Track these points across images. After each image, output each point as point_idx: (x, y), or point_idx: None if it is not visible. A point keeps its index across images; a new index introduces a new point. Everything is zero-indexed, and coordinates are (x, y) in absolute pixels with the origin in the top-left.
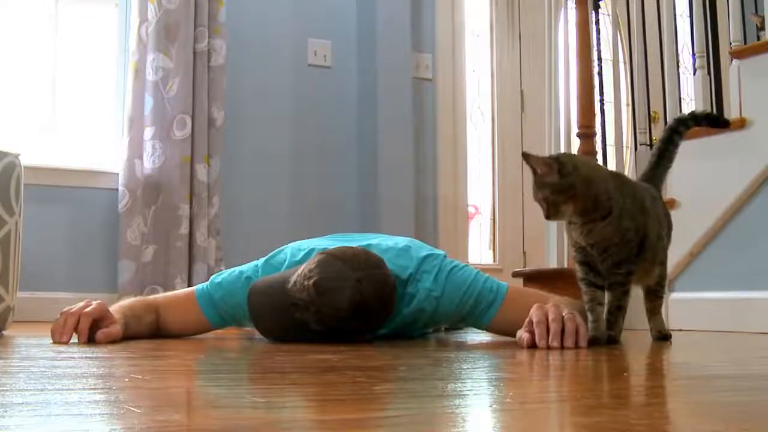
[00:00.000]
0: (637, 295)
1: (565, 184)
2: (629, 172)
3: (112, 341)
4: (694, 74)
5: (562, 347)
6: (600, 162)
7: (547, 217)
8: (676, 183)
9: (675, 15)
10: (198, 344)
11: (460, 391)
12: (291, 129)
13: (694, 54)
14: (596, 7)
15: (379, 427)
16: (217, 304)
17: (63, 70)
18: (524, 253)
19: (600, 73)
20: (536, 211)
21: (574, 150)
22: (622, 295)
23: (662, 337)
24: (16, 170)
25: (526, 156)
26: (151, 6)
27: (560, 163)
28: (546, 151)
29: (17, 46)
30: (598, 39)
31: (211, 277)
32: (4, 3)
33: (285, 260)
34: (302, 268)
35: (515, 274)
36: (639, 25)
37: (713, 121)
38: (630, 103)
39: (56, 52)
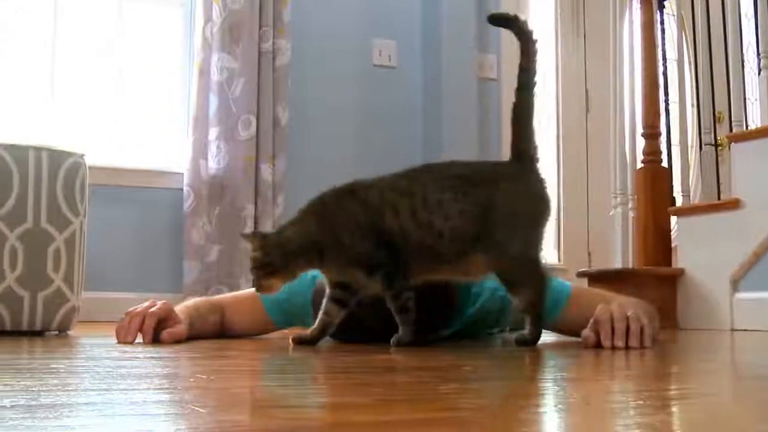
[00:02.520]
0: (708, 290)
1: (265, 261)
2: (694, 171)
3: (177, 341)
4: (759, 74)
5: (626, 347)
6: (665, 162)
7: (257, 289)
8: (740, 183)
9: (740, 14)
10: (262, 344)
11: (525, 391)
12: (356, 129)
13: (759, 54)
14: (661, 7)
15: (444, 428)
16: (282, 304)
17: (128, 71)
18: (589, 253)
19: (665, 73)
20: (601, 211)
21: (639, 150)
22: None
23: (521, 341)
24: (81, 170)
25: (242, 235)
26: (216, 6)
27: (263, 240)
28: (611, 152)
29: (83, 47)
30: (663, 39)
31: None
32: (71, 3)
33: None
34: None
35: (580, 275)
36: (704, 25)
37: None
38: (695, 103)
39: (121, 52)
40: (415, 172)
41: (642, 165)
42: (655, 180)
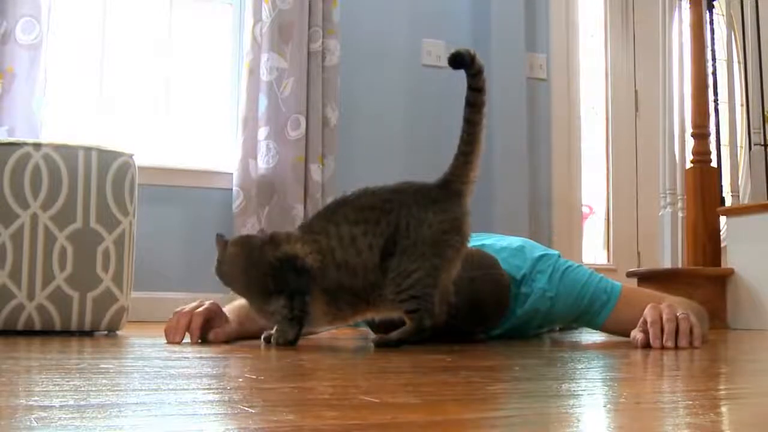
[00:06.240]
0: (758, 290)
1: (220, 270)
2: (743, 171)
3: (226, 341)
4: None
5: (676, 347)
6: (714, 162)
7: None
8: None
9: None
10: (311, 344)
11: (574, 391)
12: (405, 129)
13: None
14: (710, 7)
15: (493, 428)
16: None
17: (177, 70)
18: (638, 253)
19: (714, 73)
20: (650, 211)
21: (688, 150)
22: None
23: (378, 342)
24: (130, 170)
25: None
26: (266, 6)
27: (221, 248)
28: (660, 152)
29: (132, 46)
30: (713, 39)
31: None
32: (120, 3)
33: None
34: None
35: (629, 274)
36: (753, 25)
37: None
38: (744, 103)
39: (171, 51)
40: (330, 212)
41: (691, 165)
42: (704, 180)
